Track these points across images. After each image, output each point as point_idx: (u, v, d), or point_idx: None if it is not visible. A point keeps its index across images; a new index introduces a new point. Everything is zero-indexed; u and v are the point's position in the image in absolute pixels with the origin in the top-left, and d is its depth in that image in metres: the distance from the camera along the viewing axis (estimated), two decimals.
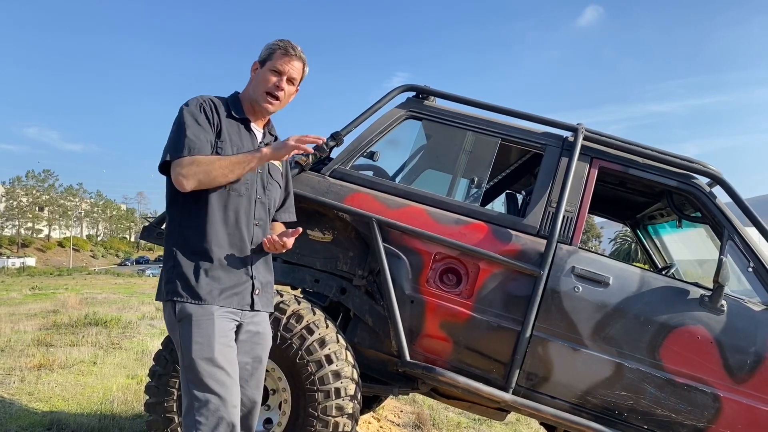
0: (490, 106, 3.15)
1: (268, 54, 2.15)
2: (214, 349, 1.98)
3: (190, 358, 1.96)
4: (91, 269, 58.47)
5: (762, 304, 2.80)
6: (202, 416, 1.94)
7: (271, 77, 2.13)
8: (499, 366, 2.85)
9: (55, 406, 4.35)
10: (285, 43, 2.15)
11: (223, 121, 2.10)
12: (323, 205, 2.96)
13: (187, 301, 2.00)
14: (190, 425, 1.96)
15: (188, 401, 1.97)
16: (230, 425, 1.97)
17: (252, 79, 2.18)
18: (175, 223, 2.09)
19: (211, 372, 1.96)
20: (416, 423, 4.86)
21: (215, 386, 1.96)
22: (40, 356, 5.90)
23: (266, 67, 2.14)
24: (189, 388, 1.97)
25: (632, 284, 2.82)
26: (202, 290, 2.01)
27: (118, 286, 23.49)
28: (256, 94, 2.15)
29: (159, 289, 2.10)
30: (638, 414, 2.77)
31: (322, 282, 3.03)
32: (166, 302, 2.06)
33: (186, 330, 1.99)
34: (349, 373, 2.72)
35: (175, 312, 2.01)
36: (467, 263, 2.88)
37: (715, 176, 2.95)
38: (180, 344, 2.01)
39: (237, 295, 2.09)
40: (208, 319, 2.00)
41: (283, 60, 2.13)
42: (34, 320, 9.21)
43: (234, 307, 2.08)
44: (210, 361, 1.96)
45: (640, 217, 4.22)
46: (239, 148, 2.10)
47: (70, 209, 79.80)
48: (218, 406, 1.95)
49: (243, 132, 2.16)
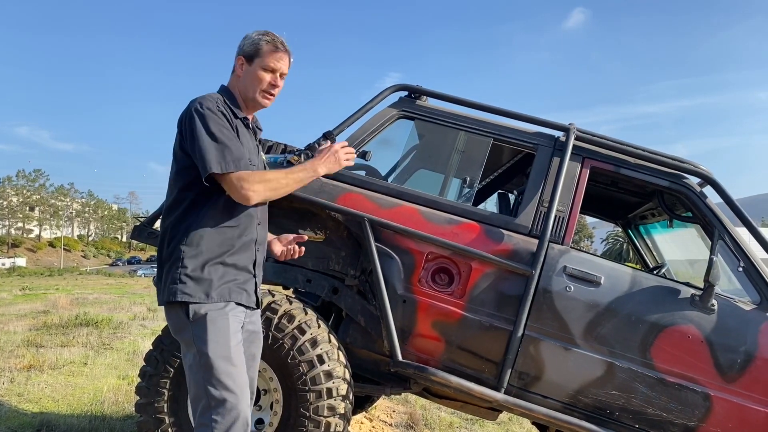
0: (482, 105, 3.15)
1: (254, 49, 2.11)
2: (231, 348, 1.98)
3: (208, 357, 1.94)
4: (82, 269, 58.14)
5: (752, 303, 2.82)
6: (219, 415, 1.94)
7: (264, 76, 2.11)
8: (491, 365, 2.85)
9: (45, 407, 4.32)
10: (272, 38, 2.11)
11: (234, 123, 2.09)
12: (315, 205, 2.95)
13: (200, 301, 1.98)
14: (206, 423, 1.94)
15: (205, 401, 1.95)
16: (245, 423, 1.98)
17: (241, 75, 2.14)
18: (182, 223, 2.04)
19: (228, 371, 1.96)
20: (409, 423, 4.86)
21: (231, 384, 1.96)
22: (30, 357, 5.86)
23: (257, 64, 2.11)
24: (205, 387, 1.95)
25: (624, 284, 2.83)
26: (215, 289, 2.00)
27: (109, 287, 23.37)
28: (253, 93, 2.13)
29: (164, 291, 2.03)
30: (630, 413, 2.78)
31: (314, 282, 3.02)
32: (173, 304, 2.00)
33: (201, 329, 1.97)
34: (341, 373, 2.72)
35: (188, 314, 1.98)
36: (459, 263, 2.88)
37: (705, 176, 2.96)
38: (194, 343, 1.98)
39: (245, 292, 2.09)
40: (223, 318, 2.00)
41: (274, 57, 2.11)
42: (24, 321, 9.15)
43: (244, 304, 2.08)
44: (227, 360, 1.96)
45: (631, 216, 4.23)
46: (249, 150, 2.11)
47: (61, 209, 79.32)
48: (234, 404, 1.95)
49: (245, 131, 2.15)
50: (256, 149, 2.20)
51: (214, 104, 2.04)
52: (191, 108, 2.02)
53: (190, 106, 2.04)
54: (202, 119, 1.99)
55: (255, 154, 2.17)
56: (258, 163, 2.17)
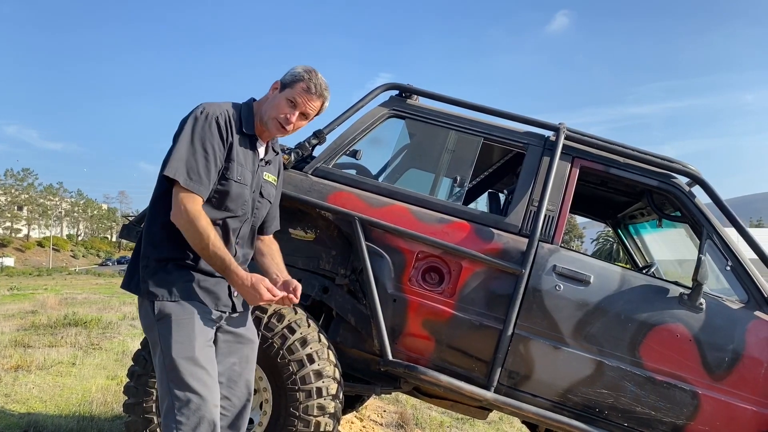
0: (472, 105, 3.15)
1: (291, 81, 2.11)
2: (195, 348, 1.96)
3: (171, 358, 1.94)
4: (71, 269, 57.67)
5: (740, 302, 2.84)
6: (183, 416, 1.92)
7: (285, 107, 2.10)
8: (481, 364, 2.85)
9: (33, 407, 4.28)
10: (311, 77, 2.10)
11: (234, 138, 2.07)
12: (306, 204, 2.94)
13: (165, 299, 1.98)
14: (170, 425, 1.93)
15: (169, 401, 1.94)
16: (211, 424, 1.96)
17: (269, 98, 2.14)
18: (157, 223, 2.05)
19: (192, 371, 1.94)
20: (399, 422, 4.85)
21: (196, 385, 1.94)
22: (17, 357, 5.80)
23: (285, 94, 2.10)
24: (169, 387, 1.94)
25: (613, 283, 2.84)
26: (179, 289, 1.99)
27: (98, 287, 23.18)
28: (268, 117, 2.12)
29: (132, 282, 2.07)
30: (619, 411, 2.79)
31: (304, 281, 3.01)
32: (143, 300, 2.03)
33: (166, 329, 1.97)
34: (330, 373, 2.71)
35: (153, 311, 1.99)
36: (450, 262, 2.88)
37: (694, 176, 2.98)
38: (159, 343, 1.98)
39: (213, 294, 2.07)
40: (188, 318, 1.98)
41: (303, 96, 2.10)
42: (11, 321, 9.06)
43: (213, 308, 2.06)
44: (191, 360, 1.95)
45: (621, 216, 4.25)
46: (243, 169, 2.09)
47: (50, 209, 78.68)
48: (199, 405, 1.93)
49: (248, 149, 2.14)
50: (256, 168, 2.16)
51: (215, 114, 2.04)
52: (193, 111, 2.05)
53: (194, 109, 2.06)
54: (192, 125, 2.01)
55: (250, 172, 2.13)
56: (250, 182, 2.13)
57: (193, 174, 1.97)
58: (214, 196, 2.05)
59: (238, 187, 2.08)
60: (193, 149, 1.99)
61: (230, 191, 2.07)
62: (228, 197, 2.07)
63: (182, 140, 1.99)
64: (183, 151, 1.98)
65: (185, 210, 1.95)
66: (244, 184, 2.10)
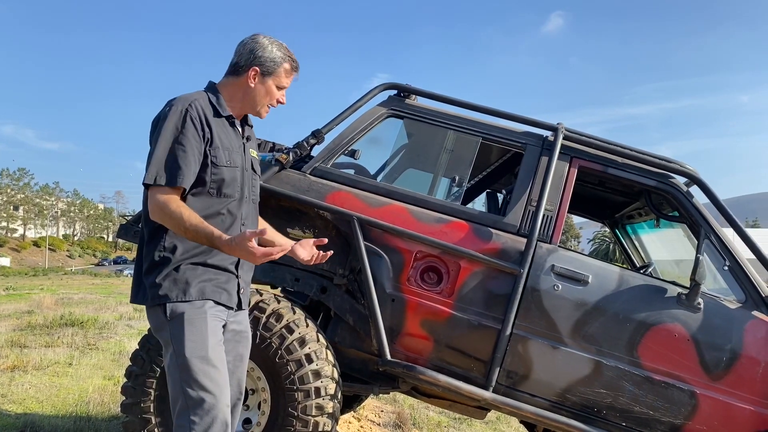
0: (471, 105, 3.15)
1: (273, 68, 2.11)
2: (208, 347, 1.96)
3: (184, 357, 1.92)
4: (67, 269, 57.53)
5: (737, 302, 2.85)
6: (196, 416, 1.91)
7: (275, 93, 2.16)
8: (480, 364, 2.85)
9: (29, 408, 4.26)
10: (291, 58, 2.16)
11: (212, 125, 2.05)
12: (304, 203, 2.94)
13: (177, 299, 1.96)
14: (184, 425, 1.92)
15: (182, 402, 1.93)
16: (224, 424, 1.95)
17: (251, 88, 2.12)
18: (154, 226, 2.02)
19: (205, 370, 1.93)
20: (397, 422, 4.85)
21: (209, 385, 1.93)
22: (13, 357, 5.78)
23: (272, 82, 2.13)
24: (182, 387, 1.93)
25: (611, 283, 2.84)
26: (192, 287, 1.98)
27: (95, 287, 23.12)
28: (260, 107, 2.15)
29: (140, 293, 2.04)
30: (617, 411, 2.80)
31: (303, 281, 3.01)
32: (153, 305, 2.00)
33: (178, 329, 1.95)
34: (329, 372, 2.71)
35: (165, 313, 1.96)
36: (448, 262, 2.88)
37: (692, 176, 2.98)
38: (172, 343, 1.96)
39: (226, 291, 2.06)
40: (201, 317, 1.97)
41: (288, 77, 2.17)
42: (7, 321, 9.03)
43: (224, 304, 2.05)
44: (204, 360, 1.94)
45: (618, 216, 4.26)
46: (230, 152, 2.08)
47: (46, 208, 78.49)
48: (213, 404, 1.93)
49: (228, 129, 2.13)
50: (241, 147, 2.17)
51: (184, 111, 2.00)
52: (163, 110, 2.03)
53: (164, 107, 2.03)
54: (164, 123, 1.98)
55: (238, 153, 2.13)
56: (240, 162, 2.13)
57: (168, 170, 1.96)
58: (211, 187, 2.04)
59: (230, 171, 2.08)
60: (168, 147, 1.97)
61: (224, 177, 2.06)
62: (224, 184, 2.06)
63: (159, 142, 1.98)
64: (159, 153, 1.97)
65: (154, 203, 1.94)
66: (235, 167, 2.09)
